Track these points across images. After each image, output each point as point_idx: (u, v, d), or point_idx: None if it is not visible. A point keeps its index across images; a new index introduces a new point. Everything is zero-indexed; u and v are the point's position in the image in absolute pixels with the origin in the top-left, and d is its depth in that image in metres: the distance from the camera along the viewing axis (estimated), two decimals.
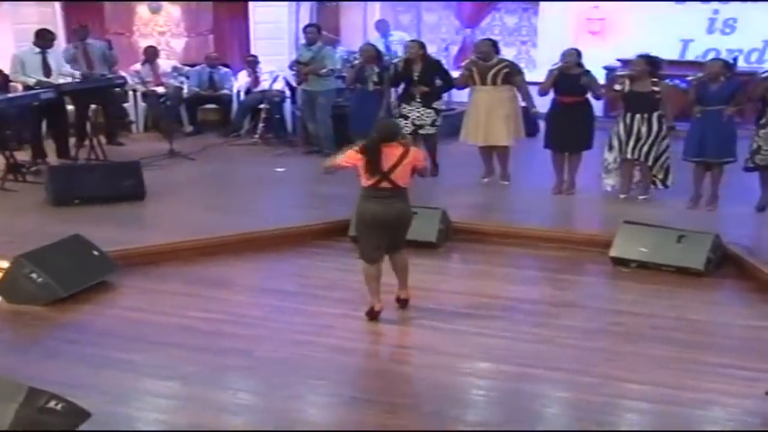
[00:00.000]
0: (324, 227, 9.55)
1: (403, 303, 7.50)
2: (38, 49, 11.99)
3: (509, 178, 11.21)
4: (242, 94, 14.40)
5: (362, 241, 7.23)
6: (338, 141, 12.11)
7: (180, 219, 9.79)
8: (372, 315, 7.25)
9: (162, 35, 15.67)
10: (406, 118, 11.15)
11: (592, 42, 14.83)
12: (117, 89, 13.91)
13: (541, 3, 15.77)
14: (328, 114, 12.45)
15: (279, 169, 12.04)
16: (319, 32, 12.69)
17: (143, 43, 15.15)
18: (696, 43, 14.96)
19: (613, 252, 8.70)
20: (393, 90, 11.65)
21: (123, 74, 14.48)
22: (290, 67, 12.88)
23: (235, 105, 14.41)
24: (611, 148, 10.40)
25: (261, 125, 13.72)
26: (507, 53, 13.63)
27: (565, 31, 14.98)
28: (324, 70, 12.31)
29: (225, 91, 14.60)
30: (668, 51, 13.07)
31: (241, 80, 14.60)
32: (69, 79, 12.23)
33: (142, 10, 15.52)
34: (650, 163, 10.23)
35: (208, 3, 15.52)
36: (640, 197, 10.40)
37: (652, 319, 7.47)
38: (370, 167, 6.97)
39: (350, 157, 7.11)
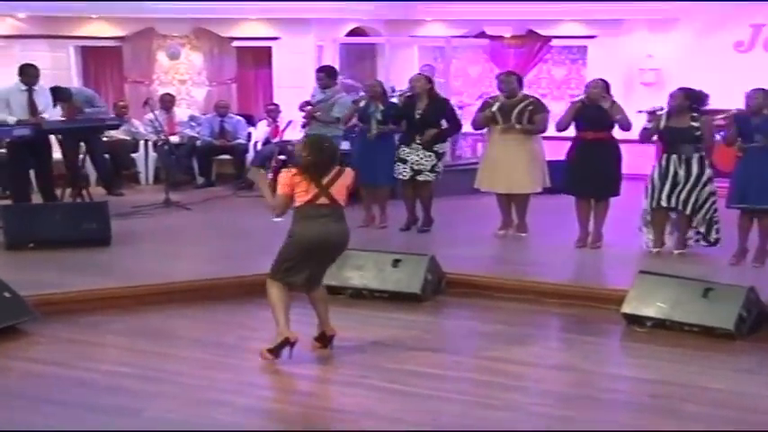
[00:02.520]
0: None
1: (328, 341, 6.54)
2: (24, 87, 11.03)
3: (526, 230, 9.81)
4: (259, 145, 13.31)
5: (290, 266, 6.34)
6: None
7: (139, 266, 8.66)
8: (290, 346, 6.22)
9: (182, 84, 14.76)
10: (405, 162, 9.88)
11: (645, 94, 13.39)
12: (125, 138, 13.08)
13: (590, 52, 14.48)
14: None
15: (276, 219, 10.74)
16: (333, 77, 11.47)
17: (162, 92, 14.20)
18: None
19: (627, 308, 7.23)
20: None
21: (136, 122, 13.60)
22: (300, 108, 11.72)
23: (250, 156, 13.30)
24: (646, 194, 8.96)
25: (270, 175, 12.55)
26: (556, 108, 12.14)
27: (616, 82, 13.51)
28: (330, 118, 11.04)
29: (239, 141, 13.52)
30: (731, 103, 11.52)
31: (260, 130, 13.57)
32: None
33: (162, 58, 14.65)
34: (688, 212, 8.75)
35: (231, 50, 14.56)
36: (676, 251, 8.91)
37: (655, 385, 6.03)
38: (311, 177, 6.22)
39: (283, 180, 6.34)
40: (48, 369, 6.26)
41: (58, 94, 11.68)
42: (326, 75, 11.40)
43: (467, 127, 10.93)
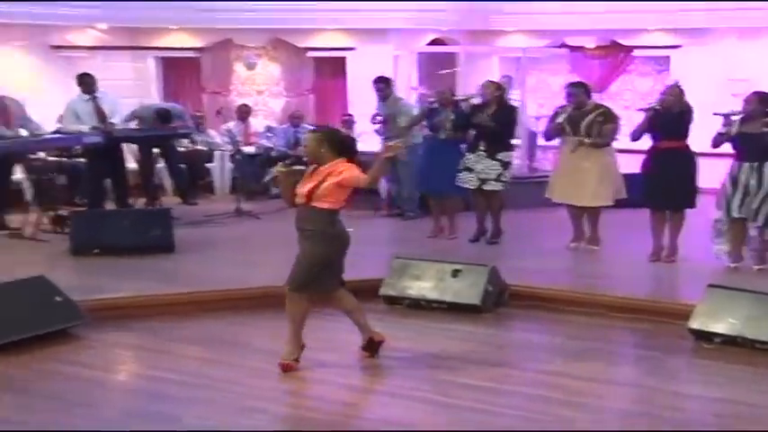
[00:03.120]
0: (350, 285, 7.99)
1: (377, 348, 6.38)
2: (87, 96, 11.08)
3: (599, 243, 9.46)
4: None
5: (322, 271, 6.12)
6: (423, 203, 10.81)
7: (202, 273, 8.57)
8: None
9: (260, 94, 14.74)
10: (471, 171, 9.61)
11: (736, 106, 12.82)
12: (201, 149, 13.12)
13: (675, 62, 14.03)
14: (410, 172, 10.92)
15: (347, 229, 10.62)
16: (390, 85, 11.31)
17: (239, 103, 14.18)
18: None
19: (694, 323, 6.87)
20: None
21: (212, 132, 13.62)
22: (372, 121, 11.56)
23: None
24: (718, 203, 8.57)
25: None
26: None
27: (704, 93, 13.04)
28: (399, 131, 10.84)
29: None
30: None
31: None
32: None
33: (240, 69, 14.64)
34: (759, 223, 8.35)
35: (309, 60, 14.48)
36: (755, 267, 8.47)
37: (721, 405, 5.70)
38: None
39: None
40: (93, 374, 6.17)
41: (162, 115, 11.77)
42: (385, 84, 11.25)
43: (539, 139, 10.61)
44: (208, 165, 13.38)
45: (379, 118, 11.31)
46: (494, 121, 9.48)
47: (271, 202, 12.58)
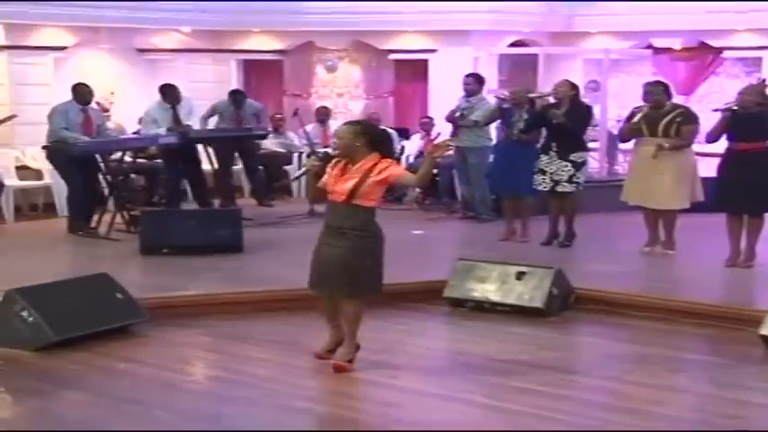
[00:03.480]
0: (410, 287, 7.97)
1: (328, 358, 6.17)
2: (168, 105, 11.19)
3: (674, 247, 9.17)
4: (411, 158, 13.08)
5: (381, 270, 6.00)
6: (498, 205, 10.65)
7: (265, 273, 8.54)
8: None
9: (340, 97, 14.72)
10: (544, 173, 9.40)
11: None
12: (279, 151, 13.19)
13: (766, 63, 13.60)
14: (482, 174, 10.77)
15: (416, 232, 10.56)
16: (480, 83, 11.15)
17: (319, 105, 14.19)
18: None
19: (765, 330, 6.58)
20: None
21: (291, 134, 13.66)
22: (447, 120, 11.43)
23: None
24: None
25: (418, 188, 12.37)
26: None
27: None
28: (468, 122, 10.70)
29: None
30: None
31: (413, 143, 13.33)
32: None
33: (321, 71, 14.66)
34: None
35: (389, 62, 14.43)
36: None
37: None
38: None
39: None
40: (143, 370, 6.18)
41: (237, 96, 11.95)
42: (475, 80, 11.10)
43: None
44: (286, 167, 13.38)
45: (457, 114, 11.15)
46: (567, 121, 9.26)
47: None
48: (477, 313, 7.53)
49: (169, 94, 11.21)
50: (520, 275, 7.59)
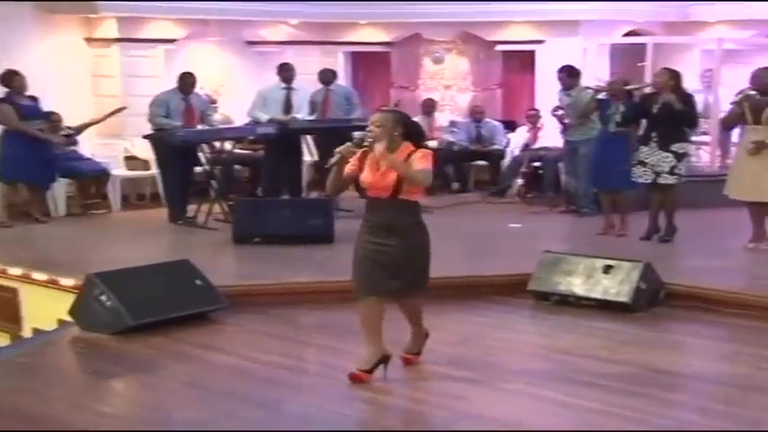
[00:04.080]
0: (497, 280, 7.82)
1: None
2: (284, 85, 11.31)
3: None
4: (516, 151, 12.88)
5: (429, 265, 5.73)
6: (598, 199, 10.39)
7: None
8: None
9: (447, 89, 14.57)
10: (644, 164, 9.08)
11: None
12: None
13: None
14: (587, 168, 10.49)
15: (513, 225, 10.38)
16: (575, 77, 10.88)
17: (425, 98, 14.09)
18: None
19: None
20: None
21: None
22: (553, 113, 11.21)
23: (506, 162, 12.91)
24: None
25: (520, 181, 12.18)
26: None
27: None
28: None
29: (495, 146, 13.14)
30: None
31: (519, 136, 13.12)
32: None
33: (428, 63, 14.55)
34: None
35: (497, 54, 14.22)
36: None
37: None
38: None
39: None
40: (214, 356, 6.22)
41: (324, 76, 11.96)
42: (567, 75, 10.86)
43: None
44: None
45: (560, 111, 10.95)
46: (666, 111, 8.94)
47: (448, 197, 12.44)
48: (561, 307, 7.34)
49: (287, 69, 11.39)
50: (607, 269, 7.36)
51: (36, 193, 10.55)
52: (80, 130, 11.74)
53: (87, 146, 12.05)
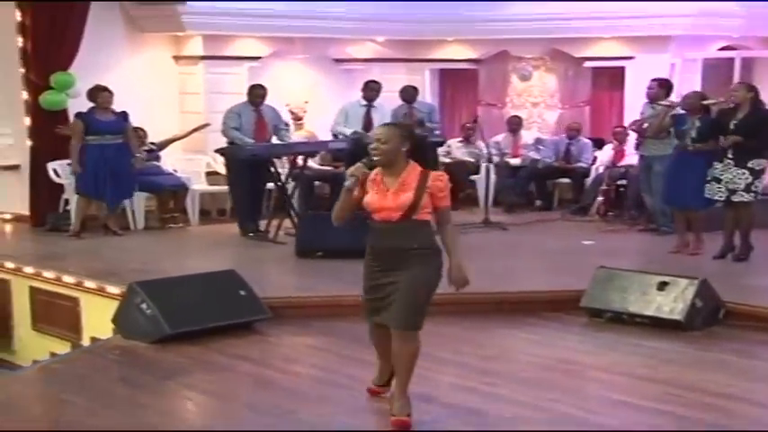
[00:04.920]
0: (552, 296, 7.67)
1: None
2: (364, 102, 11.34)
3: None
4: (601, 168, 12.59)
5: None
6: None
7: None
8: None
9: (535, 106, 14.34)
10: (719, 181, 8.75)
11: None
12: (467, 160, 13.12)
13: None
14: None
15: (586, 242, 10.13)
16: (664, 88, 10.55)
17: (510, 115, 13.91)
18: None
19: None
20: None
21: (481, 144, 13.44)
22: (630, 127, 10.92)
23: (590, 180, 12.62)
24: None
25: (600, 198, 11.89)
26: None
27: None
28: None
29: (581, 164, 12.88)
30: None
31: (605, 153, 12.83)
32: None
33: (516, 80, 14.35)
34: None
35: (586, 71, 13.94)
36: None
37: None
38: None
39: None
40: (245, 366, 6.22)
41: (406, 94, 12.15)
42: (659, 85, 10.53)
43: None
44: (473, 177, 13.16)
45: (637, 123, 10.64)
46: (744, 126, 8.60)
47: (529, 215, 12.26)
48: (613, 325, 7.11)
49: (371, 88, 11.49)
50: (661, 286, 7.10)
51: (107, 207, 10.70)
52: (163, 146, 11.96)
53: (171, 161, 12.24)
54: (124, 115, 10.53)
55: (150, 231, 11.08)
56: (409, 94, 12.24)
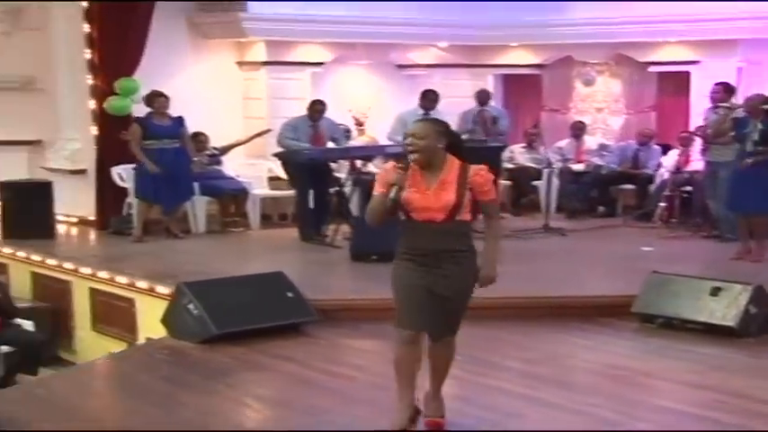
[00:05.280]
0: (609, 300, 7.57)
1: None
2: (421, 111, 11.34)
3: None
4: (666, 174, 12.39)
5: None
6: None
7: None
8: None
9: (599, 112, 14.18)
10: None
11: None
12: (529, 165, 13.02)
13: None
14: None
15: (646, 248, 9.99)
16: (728, 92, 10.37)
17: (574, 120, 13.78)
18: None
19: None
20: None
21: (543, 149, 13.33)
22: (694, 132, 10.75)
23: (654, 187, 12.45)
24: None
25: (662, 205, 11.70)
26: None
27: None
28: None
29: (646, 170, 12.70)
30: None
31: (670, 159, 12.63)
32: None
33: (579, 86, 14.22)
34: None
35: (651, 76, 13.76)
36: None
37: None
38: None
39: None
40: (286, 367, 6.28)
41: (481, 96, 12.38)
42: (724, 89, 10.35)
43: None
44: (536, 182, 13.06)
45: (703, 128, 10.48)
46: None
47: (591, 221, 12.12)
48: (665, 330, 7.00)
49: (428, 98, 11.49)
50: (715, 291, 6.98)
51: (165, 211, 10.83)
52: (225, 150, 12.09)
53: (233, 166, 12.35)
54: (180, 120, 10.67)
55: (211, 235, 11.19)
56: (483, 96, 12.31)
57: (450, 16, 13.36)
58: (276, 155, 10.78)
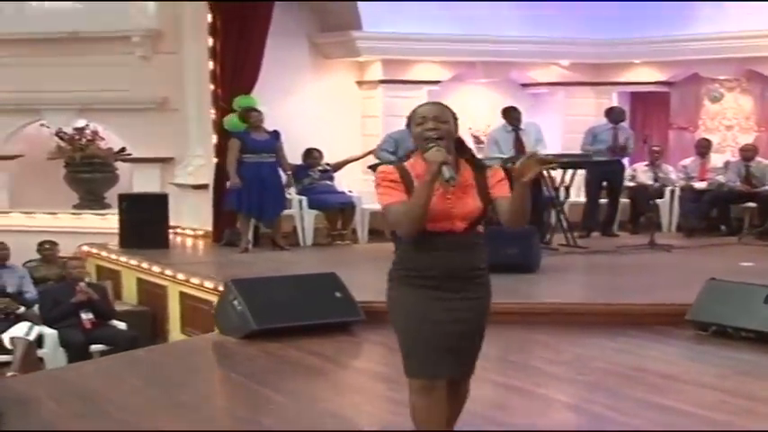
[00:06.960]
0: (663, 309, 7.37)
1: None
2: (510, 127, 11.32)
3: None
4: None
5: None
6: None
7: (531, 290, 8.31)
8: None
9: (729, 129, 13.68)
10: None
11: None
12: (649, 183, 12.68)
13: None
14: None
15: (745, 263, 9.60)
16: None
17: (700, 138, 13.37)
18: None
19: None
20: None
21: (667, 168, 13.01)
22: None
23: None
24: None
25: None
26: None
27: None
28: None
29: (766, 187, 12.19)
30: None
31: None
32: None
33: (708, 103, 13.77)
34: None
35: None
36: None
37: None
38: None
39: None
40: (312, 361, 6.41)
41: (614, 114, 12.35)
42: None
43: None
44: (657, 201, 12.68)
45: None
46: None
47: (709, 239, 11.68)
48: (715, 338, 6.76)
49: (510, 116, 11.40)
50: None
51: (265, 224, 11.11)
52: (338, 167, 12.32)
53: (347, 181, 12.56)
54: (276, 134, 10.96)
55: (317, 248, 11.40)
56: (616, 114, 12.31)
57: (567, 33, 13.22)
58: (372, 167, 10.91)
